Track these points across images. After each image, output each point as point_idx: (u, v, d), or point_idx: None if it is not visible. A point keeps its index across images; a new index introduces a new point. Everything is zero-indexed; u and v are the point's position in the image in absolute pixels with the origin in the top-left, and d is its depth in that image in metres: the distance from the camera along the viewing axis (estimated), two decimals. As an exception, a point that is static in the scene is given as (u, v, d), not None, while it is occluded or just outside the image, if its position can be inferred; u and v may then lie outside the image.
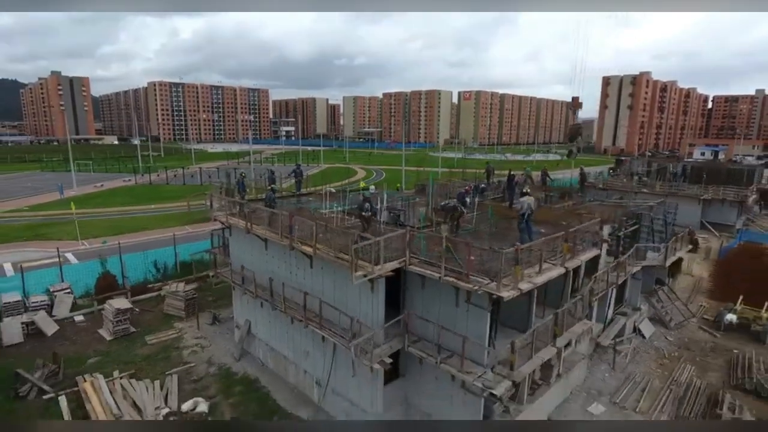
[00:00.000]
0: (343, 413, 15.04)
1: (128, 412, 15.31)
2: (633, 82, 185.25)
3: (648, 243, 22.91)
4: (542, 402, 15.29)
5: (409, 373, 14.35)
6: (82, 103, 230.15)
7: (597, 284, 17.84)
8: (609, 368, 19.11)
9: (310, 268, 14.92)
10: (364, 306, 13.25)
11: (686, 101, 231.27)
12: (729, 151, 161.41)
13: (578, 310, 15.45)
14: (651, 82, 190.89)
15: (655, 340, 22.04)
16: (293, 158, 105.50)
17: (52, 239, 37.54)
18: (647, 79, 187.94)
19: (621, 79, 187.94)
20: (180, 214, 46.75)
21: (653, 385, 18.05)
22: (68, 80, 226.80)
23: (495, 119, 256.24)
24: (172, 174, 74.60)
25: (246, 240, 17.96)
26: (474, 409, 12.66)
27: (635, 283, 22.44)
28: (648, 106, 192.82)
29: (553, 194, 26.52)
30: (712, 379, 18.53)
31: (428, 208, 18.95)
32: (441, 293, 12.66)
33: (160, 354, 19.77)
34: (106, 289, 24.57)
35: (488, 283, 11.17)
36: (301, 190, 24.63)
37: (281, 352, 17.68)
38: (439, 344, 12.47)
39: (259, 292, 17.15)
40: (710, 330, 23.14)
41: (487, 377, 11.69)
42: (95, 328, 21.88)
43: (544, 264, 12.69)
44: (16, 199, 54.76)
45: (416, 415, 14.34)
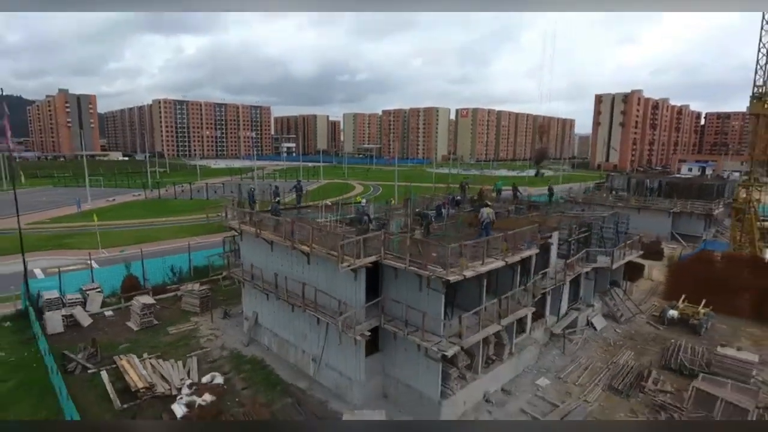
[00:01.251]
0: (333, 382, 18.55)
1: (159, 382, 18.82)
2: (625, 100, 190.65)
3: (600, 248, 26.56)
4: (496, 374, 18.80)
5: (385, 348, 17.92)
6: (89, 121, 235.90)
7: (546, 280, 21.50)
8: (560, 353, 22.61)
9: (307, 264, 18.61)
10: (348, 291, 16.90)
11: (678, 118, 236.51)
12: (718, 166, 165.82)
13: (525, 299, 19.08)
14: (642, 99, 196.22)
15: (605, 332, 25.56)
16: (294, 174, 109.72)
17: (74, 248, 41.31)
18: (638, 97, 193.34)
19: (613, 97, 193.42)
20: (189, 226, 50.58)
21: (595, 366, 21.55)
22: (75, 98, 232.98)
23: (492, 135, 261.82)
24: (180, 189, 78.60)
25: (255, 243, 21.67)
26: (434, 373, 16.21)
27: (588, 282, 26.05)
28: (640, 123, 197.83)
29: (522, 206, 30.26)
30: (645, 361, 22.02)
31: (407, 217, 22.68)
32: (408, 281, 16.32)
33: (180, 341, 23.30)
34: (131, 288, 28.23)
35: (440, 270, 14.85)
36: (301, 203, 28.44)
37: (283, 337, 21.24)
38: (407, 320, 16.10)
39: (265, 287, 20.80)
40: (655, 324, 26.66)
41: (442, 344, 15.28)
42: (123, 321, 25.45)
43: (488, 258, 16.36)
44: (36, 213, 58.66)
45: (391, 381, 17.87)
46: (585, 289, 26.05)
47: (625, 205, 53.78)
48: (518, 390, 19.15)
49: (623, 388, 19.38)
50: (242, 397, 18.24)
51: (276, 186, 27.32)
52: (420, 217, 19.79)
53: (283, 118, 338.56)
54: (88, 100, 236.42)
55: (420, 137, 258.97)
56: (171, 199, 72.08)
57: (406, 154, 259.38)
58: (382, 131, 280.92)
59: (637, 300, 30.63)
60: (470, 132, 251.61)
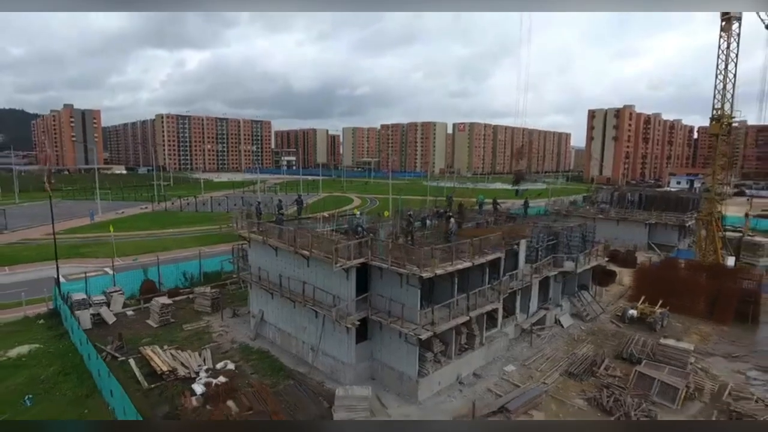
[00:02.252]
0: (329, 367, 21.72)
1: (180, 367, 21.99)
2: (617, 114, 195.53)
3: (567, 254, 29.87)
4: (468, 360, 22.00)
5: (372, 336, 21.15)
6: (93, 135, 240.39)
7: (514, 281, 24.82)
8: (528, 345, 25.81)
9: (306, 266, 21.93)
10: (341, 288, 20.20)
11: (671, 132, 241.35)
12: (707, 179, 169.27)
13: (493, 296, 22.38)
14: (634, 114, 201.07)
15: (571, 329, 28.76)
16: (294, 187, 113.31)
17: (90, 257, 44.58)
18: (630, 112, 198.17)
19: (605, 112, 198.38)
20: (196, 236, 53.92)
21: (557, 356, 24.74)
22: (81, 113, 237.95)
23: (489, 149, 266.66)
24: (186, 202, 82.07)
25: (262, 249, 25.02)
26: (412, 356, 19.43)
27: (557, 285, 29.34)
28: (632, 137, 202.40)
29: (501, 218, 33.67)
30: (602, 353, 25.19)
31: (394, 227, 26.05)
32: (391, 278, 19.64)
33: (195, 336, 26.47)
34: (148, 291, 31.49)
35: (416, 269, 18.19)
36: (302, 215, 31.85)
37: (286, 330, 24.46)
38: (390, 311, 19.39)
39: (270, 286, 24.09)
40: (617, 322, 29.88)
41: (418, 330, 18.54)
42: (143, 320, 28.64)
43: (457, 260, 19.72)
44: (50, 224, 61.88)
45: (378, 364, 21.07)
46: (554, 290, 29.34)
47: (605, 216, 57.40)
48: (487, 374, 22.33)
49: (578, 372, 22.57)
50: (251, 380, 21.40)
51: (279, 200, 30.74)
52: (405, 221, 23.12)
53: (283, 132, 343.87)
54: (93, 115, 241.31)
55: (418, 151, 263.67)
56: (177, 211, 75.51)
57: (405, 167, 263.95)
58: (381, 145, 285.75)
59: (606, 302, 33.92)
60: (467, 146, 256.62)
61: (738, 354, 25.51)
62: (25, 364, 22.95)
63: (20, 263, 42.68)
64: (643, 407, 18.98)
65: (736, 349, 26.18)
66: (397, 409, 19.11)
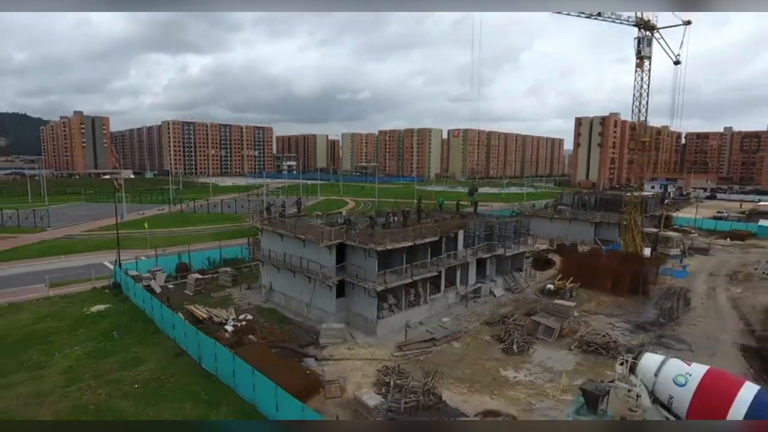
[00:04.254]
0: (318, 316, 31.26)
1: (214, 317, 31.56)
2: (602, 122, 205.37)
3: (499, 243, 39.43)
4: (415, 312, 31.56)
5: (348, 294, 30.75)
6: (102, 141, 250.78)
7: (452, 259, 34.42)
8: (464, 307, 35.37)
9: (303, 247, 31.57)
10: (326, 259, 29.83)
11: (658, 138, 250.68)
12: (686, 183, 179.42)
13: (432, 268, 31.97)
14: (619, 122, 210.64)
15: (501, 298, 38.32)
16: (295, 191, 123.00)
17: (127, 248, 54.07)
18: (615, 120, 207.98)
19: (591, 120, 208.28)
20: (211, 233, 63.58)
21: (483, 313, 34.29)
22: (90, 119, 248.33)
23: (482, 154, 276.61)
24: (198, 204, 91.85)
25: (271, 236, 34.67)
26: (373, 305, 28.98)
27: (491, 265, 38.88)
28: (617, 143, 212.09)
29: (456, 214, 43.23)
30: (518, 312, 34.73)
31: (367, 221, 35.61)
32: (359, 252, 29.26)
33: (221, 301, 36.03)
34: (182, 270, 41.16)
35: (374, 246, 27.83)
36: (301, 213, 41.53)
37: (288, 294, 34.05)
38: (358, 275, 29.02)
39: (277, 263, 33.72)
40: (538, 294, 39.39)
41: (375, 286, 28.14)
42: (181, 291, 38.24)
43: (404, 241, 29.38)
44: (84, 224, 71.82)
45: (351, 313, 30.64)
46: (489, 269, 38.92)
47: (560, 217, 67.10)
48: (429, 322, 31.89)
49: (493, 322, 32.16)
50: (263, 325, 30.94)
51: (283, 201, 40.49)
52: (369, 218, 32.78)
53: (284, 137, 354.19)
54: (102, 121, 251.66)
55: (414, 156, 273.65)
56: (191, 212, 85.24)
57: (402, 172, 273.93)
58: (379, 150, 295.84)
59: (539, 281, 43.48)
60: (461, 151, 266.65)
61: (617, 314, 35.09)
62: (105, 316, 32.57)
63: (71, 253, 52.40)
64: (525, 338, 28.56)
65: (619, 312, 35.70)
66: (363, 339, 28.68)
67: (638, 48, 47.53)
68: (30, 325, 30.78)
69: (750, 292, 41.03)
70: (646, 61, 47.82)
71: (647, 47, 47.40)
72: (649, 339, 29.97)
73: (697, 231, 75.31)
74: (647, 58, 47.76)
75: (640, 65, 47.94)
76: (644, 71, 47.90)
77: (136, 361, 25.51)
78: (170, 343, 27.94)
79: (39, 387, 22.63)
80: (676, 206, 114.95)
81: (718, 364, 26.08)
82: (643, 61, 47.78)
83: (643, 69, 47.86)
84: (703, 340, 30.05)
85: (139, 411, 20.47)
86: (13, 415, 20.16)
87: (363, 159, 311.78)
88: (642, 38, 47.32)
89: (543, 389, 23.20)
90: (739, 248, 62.77)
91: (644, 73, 47.96)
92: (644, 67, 47.80)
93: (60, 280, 40.34)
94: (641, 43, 47.33)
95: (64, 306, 34.45)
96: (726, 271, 48.91)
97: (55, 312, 33.12)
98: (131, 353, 26.55)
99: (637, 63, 48.09)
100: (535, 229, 68.64)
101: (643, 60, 47.75)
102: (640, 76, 48.05)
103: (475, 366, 25.66)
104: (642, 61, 47.80)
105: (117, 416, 20.08)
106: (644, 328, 32.09)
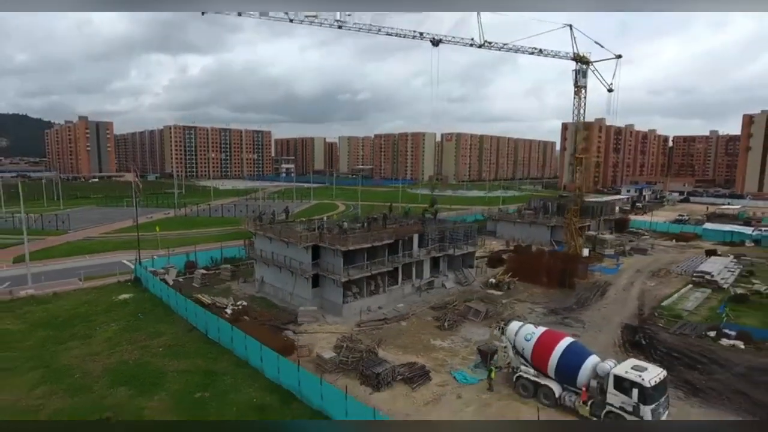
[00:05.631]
0: (298, 303, 39.70)
1: (217, 302, 40.03)
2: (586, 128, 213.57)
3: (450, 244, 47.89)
4: (375, 300, 40.05)
5: (321, 284, 39.28)
6: (106, 145, 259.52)
7: (408, 257, 42.92)
8: (418, 296, 43.86)
9: (287, 247, 40.11)
10: (304, 258, 38.38)
11: (644, 142, 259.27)
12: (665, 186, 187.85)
13: (388, 264, 40.48)
14: (604, 127, 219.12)
15: (452, 290, 46.76)
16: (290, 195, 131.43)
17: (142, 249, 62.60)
18: (600, 125, 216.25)
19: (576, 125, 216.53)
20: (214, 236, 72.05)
21: (433, 301, 42.73)
22: (95, 124, 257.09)
23: (474, 158, 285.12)
24: (201, 209, 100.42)
25: (262, 239, 43.21)
26: (339, 293, 37.46)
27: (444, 263, 47.35)
28: (602, 148, 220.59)
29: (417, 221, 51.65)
30: (459, 300, 43.12)
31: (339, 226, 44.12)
32: (330, 252, 37.80)
33: (222, 292, 44.53)
34: (190, 267, 49.71)
35: (339, 246, 36.37)
36: (288, 219, 50.06)
37: (276, 285, 42.56)
38: (328, 269, 37.57)
39: (267, 261, 42.25)
40: (483, 287, 47.85)
41: (342, 278, 36.66)
42: (189, 283, 46.74)
43: (365, 243, 37.92)
44: (100, 226, 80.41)
45: (323, 300, 39.14)
46: (442, 265, 47.40)
47: (522, 220, 75.62)
48: (386, 308, 40.35)
49: (437, 306, 40.64)
50: (255, 309, 39.40)
51: (273, 210, 49.04)
52: (338, 227, 41.34)
53: (282, 140, 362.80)
54: (106, 126, 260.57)
55: (408, 159, 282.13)
56: (195, 216, 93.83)
57: (396, 174, 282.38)
58: (375, 153, 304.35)
59: (490, 276, 51.88)
60: (454, 155, 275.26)
61: (540, 302, 43.56)
62: (130, 302, 41.09)
63: (93, 253, 60.94)
64: (456, 318, 37.07)
65: (544, 300, 44.12)
66: (332, 319, 37.13)
67: (575, 78, 56.09)
68: (73, 309, 39.34)
69: (662, 285, 49.48)
70: (583, 89, 56.36)
71: (583, 78, 55.95)
72: (556, 320, 38.42)
73: (650, 233, 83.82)
74: (583, 87, 56.30)
75: (577, 93, 56.48)
76: (581, 98, 56.45)
77: (158, 334, 34.01)
78: (183, 322, 36.41)
79: (90, 350, 31.14)
80: (644, 209, 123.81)
81: (600, 337, 34.88)
82: (580, 89, 56.32)
83: (580, 96, 56.41)
84: (598, 321, 38.52)
85: (165, 363, 28.98)
86: (74, 367, 28.62)
87: (359, 162, 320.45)
88: (578, 70, 55.86)
89: (458, 352, 31.70)
90: (679, 249, 71.11)
91: (581, 99, 56.51)
92: (581, 95, 56.35)
93: (90, 275, 48.85)
94: (578, 74, 55.87)
95: (96, 295, 42.99)
96: (653, 268, 57.32)
97: (90, 299, 41.68)
98: (154, 328, 35.05)
99: (575, 91, 56.63)
100: (501, 231, 77.77)
101: (580, 89, 56.29)
102: (577, 102, 56.61)
103: (414, 338, 34.14)
104: (579, 90, 56.33)
105: (151, 367, 28.53)
106: (556, 312, 40.52)
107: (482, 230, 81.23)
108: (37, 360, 29.44)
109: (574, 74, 56.11)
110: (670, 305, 42.01)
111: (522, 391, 25.07)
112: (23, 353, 30.44)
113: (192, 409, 23.80)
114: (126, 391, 25.60)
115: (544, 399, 24.10)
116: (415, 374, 26.60)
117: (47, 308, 39.44)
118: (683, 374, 28.52)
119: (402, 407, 24.03)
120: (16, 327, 34.95)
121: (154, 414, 23.26)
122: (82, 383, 26.47)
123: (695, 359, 30.61)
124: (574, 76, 56.06)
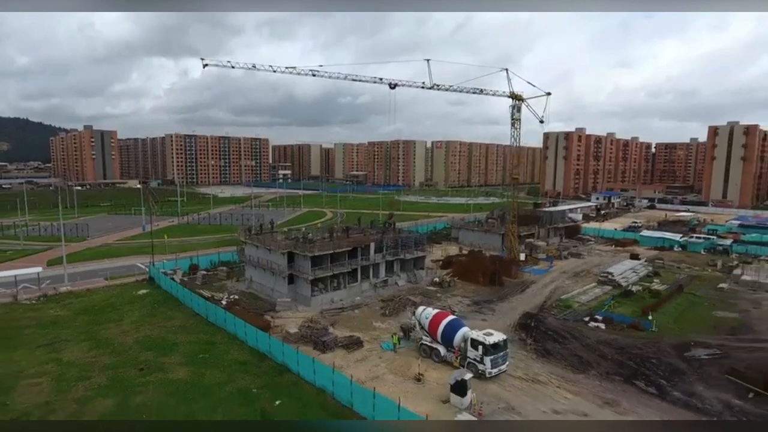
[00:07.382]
0: (279, 296, 51.40)
1: (214, 296, 51.70)
2: (566, 137, 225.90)
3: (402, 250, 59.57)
4: (338, 294, 51.73)
5: (295, 282, 50.99)
6: (110, 153, 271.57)
7: (367, 260, 54.67)
8: (374, 292, 55.50)
9: (269, 253, 51.85)
10: (282, 261, 50.11)
11: (625, 149, 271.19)
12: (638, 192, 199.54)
13: (347, 266, 52.21)
14: (584, 137, 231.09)
15: (403, 288, 58.41)
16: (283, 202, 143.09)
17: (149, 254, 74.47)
18: (579, 135, 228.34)
19: (557, 135, 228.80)
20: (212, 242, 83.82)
21: (386, 295, 54.37)
22: (100, 133, 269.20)
23: (464, 165, 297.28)
24: (201, 217, 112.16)
25: (251, 246, 54.99)
26: (308, 288, 49.18)
27: (397, 265, 59.04)
28: (583, 156, 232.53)
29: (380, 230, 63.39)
30: (406, 295, 54.74)
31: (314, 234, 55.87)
32: (301, 257, 49.56)
33: (219, 288, 56.16)
34: (194, 268, 61.49)
35: (308, 253, 48.17)
36: (274, 230, 61.85)
37: (261, 283, 54.27)
38: (300, 270, 49.36)
39: (255, 263, 53.99)
40: (431, 287, 59.46)
41: (310, 277, 48.41)
42: (192, 282, 58.38)
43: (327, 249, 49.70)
44: (114, 234, 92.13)
45: (297, 294, 50.87)
46: (396, 267, 59.11)
47: (479, 228, 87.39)
48: (345, 300, 51.96)
49: (386, 300, 52.26)
50: (244, 301, 50.98)
51: (261, 222, 60.81)
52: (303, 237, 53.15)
53: (280, 146, 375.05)
54: (111, 135, 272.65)
55: (400, 166, 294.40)
56: (196, 224, 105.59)
57: (389, 180, 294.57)
58: (368, 160, 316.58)
59: (438, 276, 63.53)
60: (444, 162, 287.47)
61: (469, 296, 55.21)
62: (147, 296, 52.75)
63: (112, 257, 72.68)
64: (396, 307, 48.71)
65: (473, 295, 55.69)
66: (302, 308, 48.73)
67: (511, 113, 67.95)
68: (103, 301, 51.02)
69: (574, 284, 61.10)
70: (517, 122, 68.22)
71: (517, 112, 67.82)
72: (475, 309, 50.01)
73: (596, 239, 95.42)
74: (518, 120, 68.16)
75: (513, 125, 68.31)
76: (517, 129, 68.29)
77: (171, 318, 45.66)
78: (189, 310, 48.01)
79: (122, 329, 42.77)
80: (606, 216, 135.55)
81: (502, 321, 46.48)
82: (515, 122, 68.19)
83: (516, 128, 68.24)
84: (507, 310, 50.13)
85: (177, 337, 40.62)
86: (113, 339, 40.25)
87: (354, 168, 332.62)
88: (514, 106, 67.72)
89: (391, 331, 43.33)
90: (613, 253, 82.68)
91: (517, 130, 68.35)
92: (516, 126, 68.19)
93: (113, 276, 60.54)
94: (513, 109, 67.73)
95: (120, 291, 54.70)
96: (579, 270, 68.91)
97: (116, 294, 53.38)
98: (167, 314, 46.69)
99: (511, 123, 68.45)
100: (463, 238, 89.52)
101: (515, 121, 68.16)
102: (514, 132, 68.43)
103: (361, 322, 45.76)
104: (514, 122, 68.19)
105: (168, 339, 40.16)
106: (478, 303, 52.15)
107: (448, 236, 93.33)
108: (85, 335, 41.14)
109: (510, 109, 67.92)
110: (568, 299, 53.68)
111: (422, 353, 36.73)
112: (74, 331, 42.15)
113: (197, 363, 35.45)
114: (152, 354, 37.27)
115: (435, 357, 35.80)
116: (352, 342, 38.30)
117: (83, 300, 51.15)
118: (546, 344, 40.20)
119: (338, 363, 35.54)
120: (64, 313, 46.67)
121: (173, 365, 34.94)
122: (120, 349, 38.16)
123: (563, 336, 42.26)
124: (510, 111, 67.87)
